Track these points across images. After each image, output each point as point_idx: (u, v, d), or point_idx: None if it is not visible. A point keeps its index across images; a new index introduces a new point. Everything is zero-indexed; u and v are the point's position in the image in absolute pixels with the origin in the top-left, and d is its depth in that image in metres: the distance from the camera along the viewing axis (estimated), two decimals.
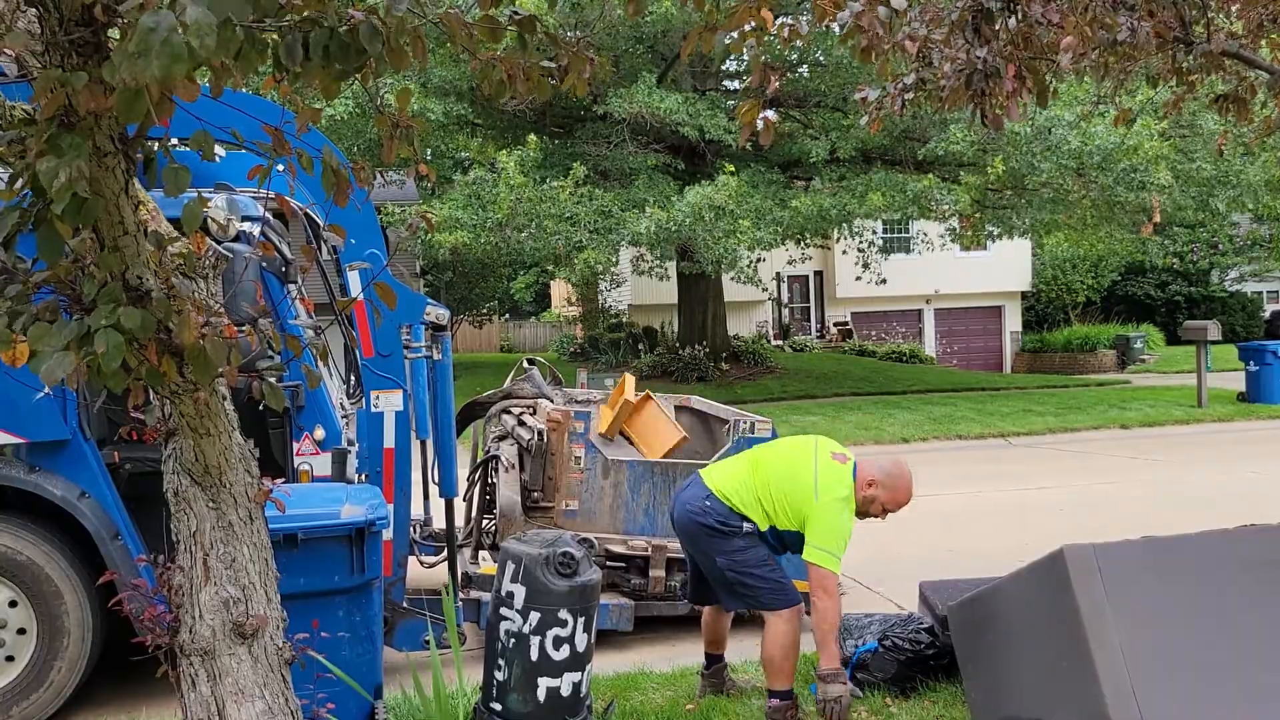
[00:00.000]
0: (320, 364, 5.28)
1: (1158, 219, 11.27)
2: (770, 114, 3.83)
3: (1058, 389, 21.07)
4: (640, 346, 24.00)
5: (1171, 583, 3.76)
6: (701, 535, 4.47)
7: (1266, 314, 33.76)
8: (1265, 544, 3.92)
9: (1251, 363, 17.18)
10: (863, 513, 4.43)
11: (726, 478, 4.54)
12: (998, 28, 3.60)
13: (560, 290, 35.06)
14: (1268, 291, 36.29)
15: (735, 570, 4.41)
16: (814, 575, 4.30)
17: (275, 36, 2.15)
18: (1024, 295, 31.88)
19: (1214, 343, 17.81)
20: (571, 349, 27.52)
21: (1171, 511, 8.77)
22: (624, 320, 28.42)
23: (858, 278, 23.01)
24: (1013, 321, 31.68)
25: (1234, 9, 4.33)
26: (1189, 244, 25.99)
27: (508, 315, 38.79)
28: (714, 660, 4.87)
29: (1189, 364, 21.00)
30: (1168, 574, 3.78)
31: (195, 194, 2.30)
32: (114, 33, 2.23)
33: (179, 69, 1.72)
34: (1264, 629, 3.74)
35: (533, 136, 15.89)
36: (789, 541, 4.45)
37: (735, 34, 3.58)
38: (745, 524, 4.39)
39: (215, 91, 2.11)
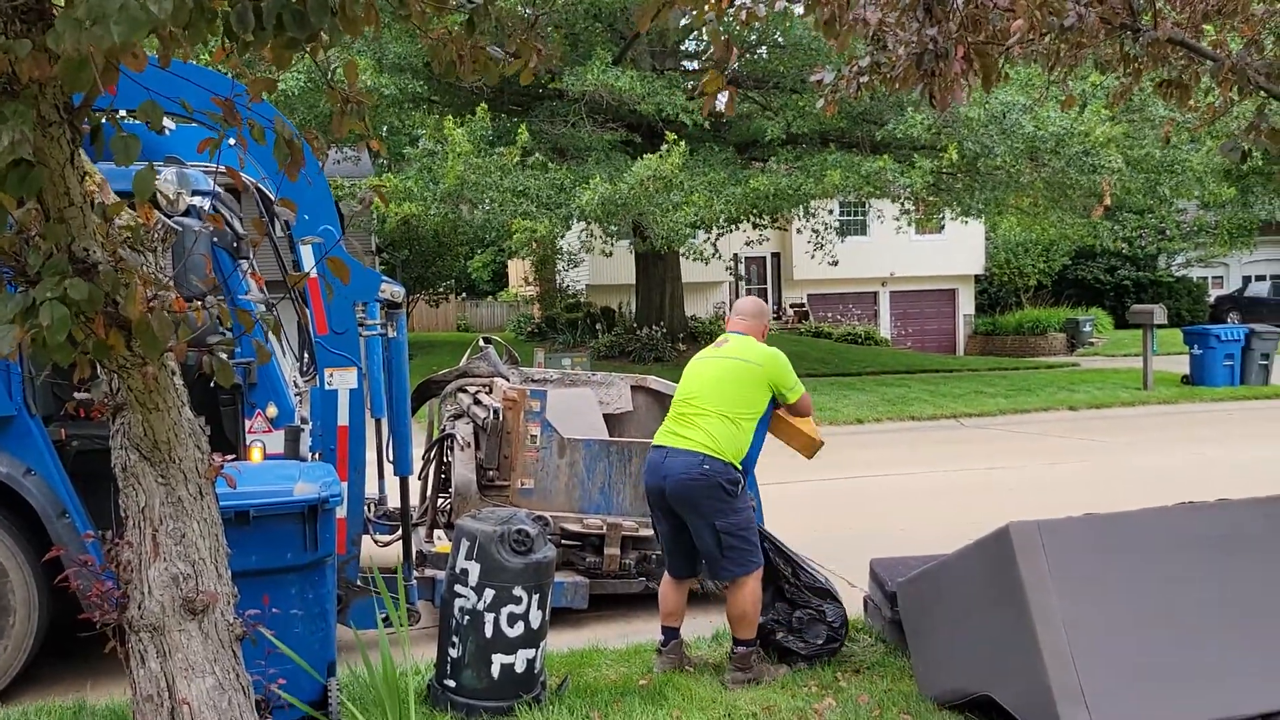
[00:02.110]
0: (272, 340, 5.22)
1: (1108, 201, 11.49)
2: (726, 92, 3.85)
3: (1009, 371, 21.40)
4: (598, 327, 23.98)
5: (1112, 558, 3.87)
6: (702, 502, 4.60)
7: (1211, 299, 34.49)
8: (1201, 521, 4.04)
9: (1195, 346, 17.56)
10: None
11: (701, 432, 4.65)
12: (949, 9, 3.64)
13: (518, 270, 34.90)
14: (1212, 277, 37.07)
15: (729, 533, 4.60)
16: (802, 406, 4.85)
17: (225, 6, 2.12)
18: (977, 279, 32.29)
19: (1160, 327, 18.18)
20: (529, 329, 27.43)
21: (1115, 490, 8.98)
22: (582, 300, 28.35)
23: (814, 256, 23.13)
24: (966, 304, 32.09)
25: None
26: (1137, 229, 26.42)
27: (465, 294, 38.51)
28: (671, 635, 4.96)
29: (1136, 347, 21.43)
30: (1108, 550, 3.89)
31: (146, 165, 2.26)
32: (59, 0, 2.18)
33: (139, 34, 1.69)
34: (1199, 602, 3.86)
35: (482, 105, 15.73)
36: (759, 436, 4.80)
37: (693, 11, 3.59)
38: (739, 477, 4.67)
39: (164, 61, 2.08)
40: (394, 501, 6.36)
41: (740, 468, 4.68)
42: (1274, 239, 35.56)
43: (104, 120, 2.40)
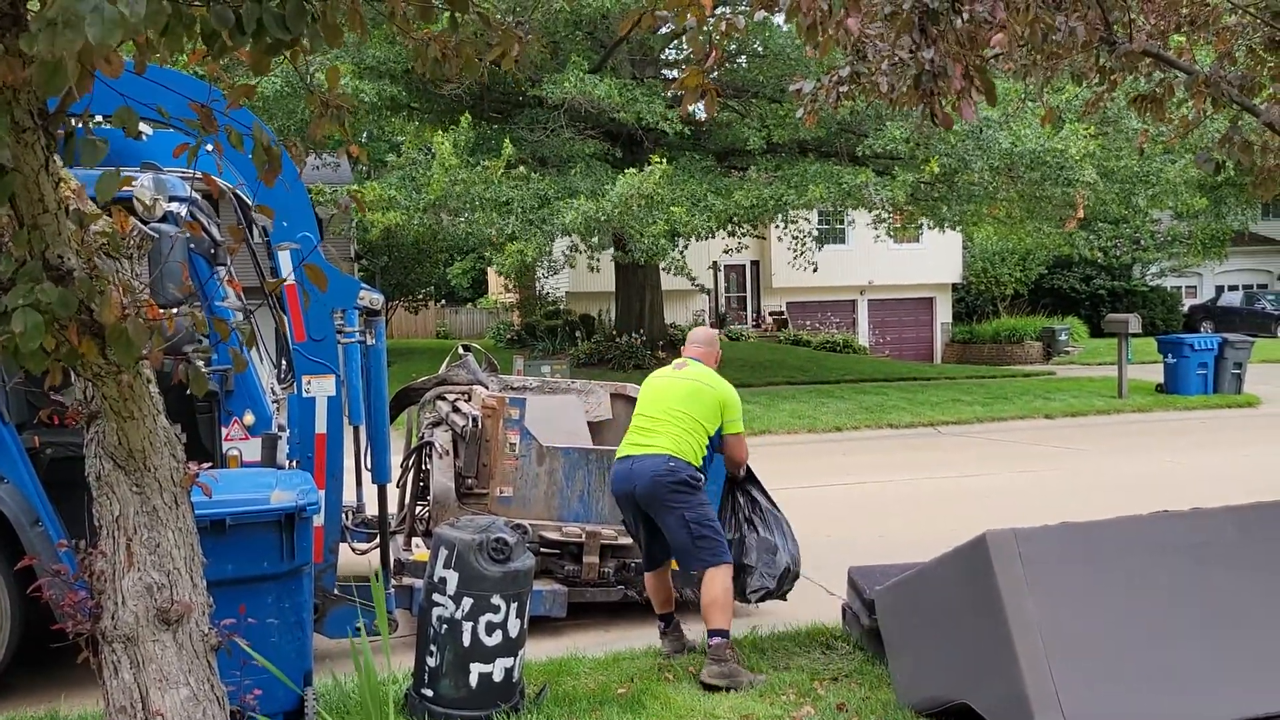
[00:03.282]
0: (249, 348, 5.19)
1: (1081, 214, 11.59)
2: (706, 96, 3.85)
3: (986, 379, 21.53)
4: (577, 334, 23.97)
5: (1089, 566, 3.90)
6: (670, 496, 4.90)
7: (1185, 308, 34.85)
8: (1177, 529, 4.08)
9: (1169, 355, 17.73)
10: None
11: (665, 438, 5.00)
12: (943, 28, 3.65)
13: (497, 277, 34.81)
14: (1186, 286, 37.46)
15: (699, 524, 4.90)
16: (735, 444, 5.21)
17: (204, 12, 2.11)
18: (955, 287, 32.50)
19: (1135, 335, 18.33)
20: (509, 336, 27.38)
21: (1091, 498, 9.04)
22: (561, 308, 28.34)
23: (795, 265, 23.21)
24: (944, 313, 32.29)
25: (1154, 9, 4.46)
26: (1113, 239, 26.68)
27: (444, 301, 38.39)
28: (668, 619, 5.26)
29: (1111, 356, 21.62)
30: (1085, 558, 3.92)
31: (111, 169, 2.23)
32: (33, 4, 2.16)
33: (112, 37, 1.68)
34: (1174, 609, 3.89)
35: (466, 115, 15.71)
36: (713, 445, 5.13)
37: (675, 17, 3.60)
38: (701, 476, 5.01)
39: (139, 67, 2.07)
40: (372, 509, 6.32)
41: (699, 467, 5.02)
42: (1246, 249, 36.02)
43: (79, 126, 2.38)
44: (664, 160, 15.02)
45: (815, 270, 23.03)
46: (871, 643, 5.00)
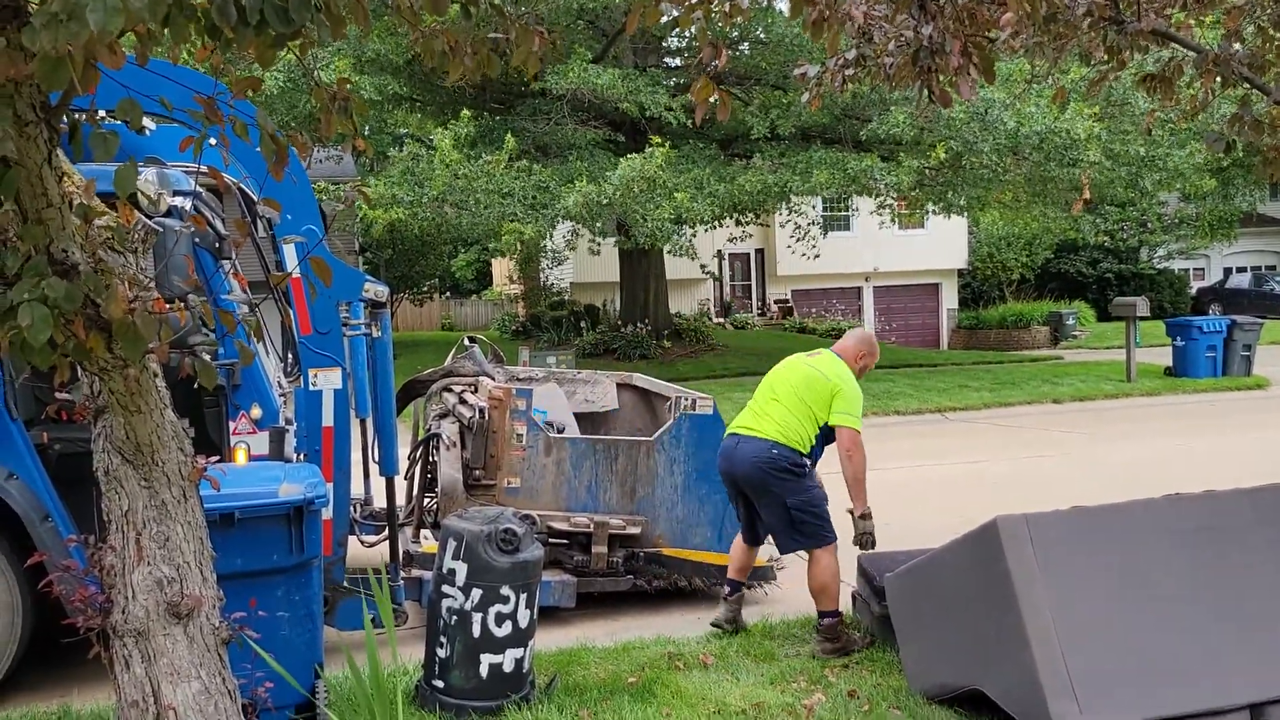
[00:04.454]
0: (255, 341, 5.18)
1: (1087, 195, 11.54)
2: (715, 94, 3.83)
3: (993, 365, 21.48)
4: (582, 324, 23.95)
5: (1100, 550, 3.88)
6: (774, 482, 5.01)
7: (1193, 291, 34.70)
8: (1188, 512, 4.06)
9: (1178, 338, 17.66)
10: (859, 376, 5.35)
11: (772, 422, 5.10)
12: (943, 3, 3.62)
13: (502, 268, 34.81)
14: (1194, 269, 37.29)
15: (802, 510, 5.01)
16: (843, 436, 5.06)
17: (205, 3, 2.09)
18: (960, 273, 32.40)
19: (1143, 319, 18.26)
20: (513, 327, 27.37)
21: (1101, 482, 9.01)
22: (566, 298, 28.32)
23: (799, 252, 23.15)
24: (949, 299, 32.20)
25: None
26: (1119, 222, 26.57)
27: (449, 293, 38.40)
28: (735, 587, 5.44)
29: (1119, 340, 21.54)
30: (1096, 542, 3.90)
31: (126, 161, 2.22)
32: None
33: (114, 24, 1.66)
34: (1187, 593, 3.88)
35: (466, 111, 15.66)
36: (824, 433, 5.13)
37: (679, 9, 3.57)
38: (806, 461, 5.07)
39: (141, 59, 2.05)
40: (380, 502, 6.33)
41: (806, 454, 5.09)
42: (1255, 231, 35.82)
43: (82, 120, 2.37)
44: (665, 143, 14.97)
45: (819, 258, 22.97)
46: (881, 629, 5.00)
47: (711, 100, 3.52)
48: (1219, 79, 4.21)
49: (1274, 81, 4.47)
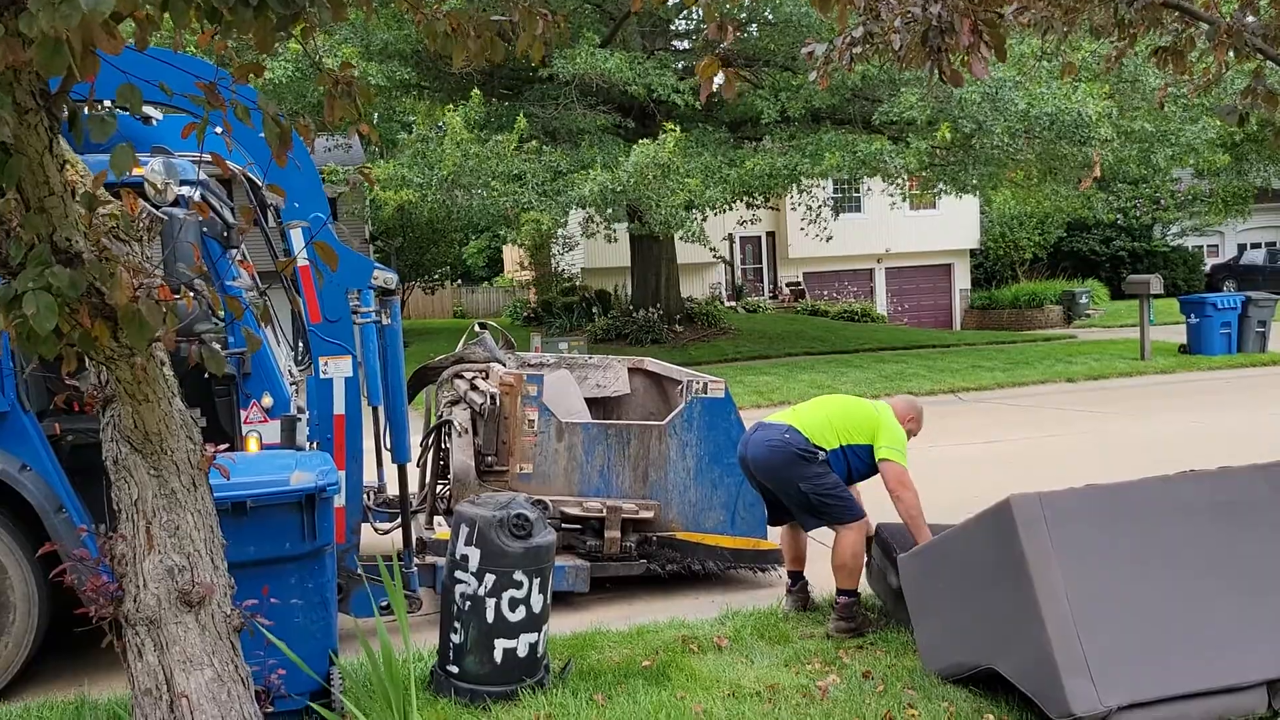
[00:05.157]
0: (264, 329, 5.19)
1: (1098, 173, 11.43)
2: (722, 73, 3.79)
3: (1006, 345, 21.38)
4: (594, 310, 23.95)
5: (1114, 528, 3.85)
6: (784, 465, 5.04)
7: (1207, 268, 34.44)
8: (1203, 488, 4.02)
9: (1192, 315, 17.54)
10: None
11: (797, 415, 5.21)
12: None
13: (513, 255, 34.80)
14: (1208, 246, 37.01)
15: (817, 493, 5.02)
16: (890, 472, 5.00)
17: None
18: (972, 253, 32.22)
19: (1156, 296, 18.13)
20: (525, 313, 27.40)
21: (1116, 461, 8.97)
22: (577, 284, 28.30)
23: (810, 234, 23.05)
24: (962, 279, 32.04)
25: None
26: (1132, 200, 26.38)
27: (460, 281, 38.42)
28: (797, 578, 5.45)
29: (1132, 318, 21.40)
30: (1110, 519, 3.87)
31: (125, 143, 2.21)
32: None
33: (107, 4, 1.64)
34: (1202, 570, 3.85)
35: (476, 91, 15.62)
36: (860, 455, 5.12)
37: None
38: (820, 452, 5.06)
39: (140, 44, 2.04)
40: (393, 489, 6.34)
41: (820, 447, 5.06)
42: (1269, 206, 35.49)
43: (85, 109, 2.35)
44: (676, 129, 14.90)
45: (831, 240, 22.89)
46: (895, 602, 4.98)
47: (717, 80, 3.49)
48: (1231, 51, 4.15)
49: None
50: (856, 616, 5.01)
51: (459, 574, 4.29)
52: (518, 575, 4.23)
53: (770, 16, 17.13)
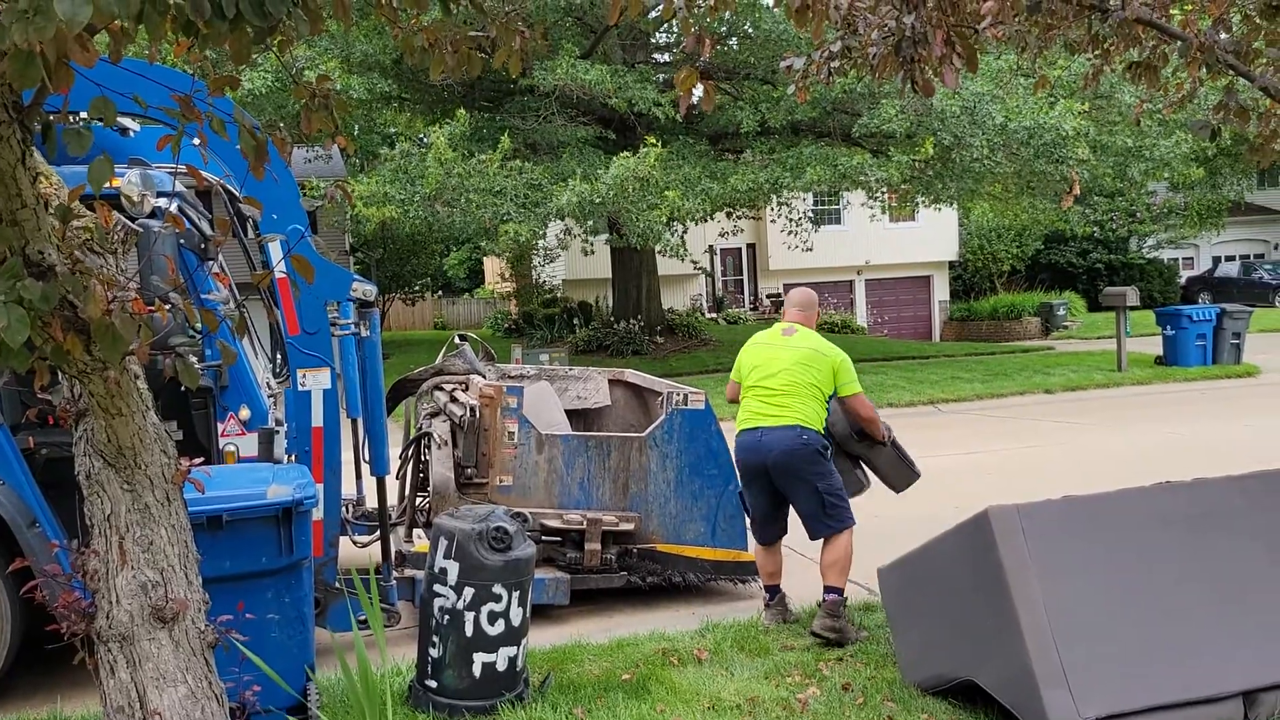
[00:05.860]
0: (242, 341, 5.15)
1: (1077, 192, 11.53)
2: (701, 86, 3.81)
3: (985, 356, 21.50)
4: (575, 321, 23.91)
5: (1092, 539, 3.87)
6: (804, 467, 5.14)
7: (1183, 280, 34.77)
8: (1179, 500, 4.05)
9: (1168, 327, 17.69)
10: None
11: (791, 410, 5.18)
12: None
13: (494, 266, 34.75)
14: (1183, 258, 37.37)
15: (831, 493, 5.16)
16: (859, 405, 5.39)
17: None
18: (951, 265, 32.41)
19: (1133, 308, 18.28)
20: (506, 325, 27.32)
21: (1093, 472, 9.02)
22: (558, 295, 28.27)
23: (791, 246, 23.12)
24: (941, 291, 32.21)
25: None
26: (1108, 213, 26.57)
27: (441, 292, 38.33)
28: (775, 592, 5.47)
29: (1109, 329, 21.57)
30: (1088, 531, 3.89)
31: (101, 156, 2.20)
32: None
33: (82, 15, 1.63)
34: (1178, 580, 3.87)
35: (461, 110, 15.63)
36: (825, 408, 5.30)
37: (662, 3, 3.55)
38: (828, 442, 5.26)
39: (114, 57, 2.02)
40: (372, 502, 6.30)
41: (825, 434, 5.26)
42: (1243, 220, 35.91)
43: (58, 122, 2.34)
44: (658, 143, 14.94)
45: (811, 250, 22.95)
46: None
47: (696, 92, 3.50)
48: (1204, 67, 4.20)
49: (1260, 69, 4.46)
50: (842, 616, 5.07)
51: (438, 587, 4.27)
52: (497, 588, 4.21)
53: (751, 31, 17.22)
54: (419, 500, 6.59)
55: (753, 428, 5.28)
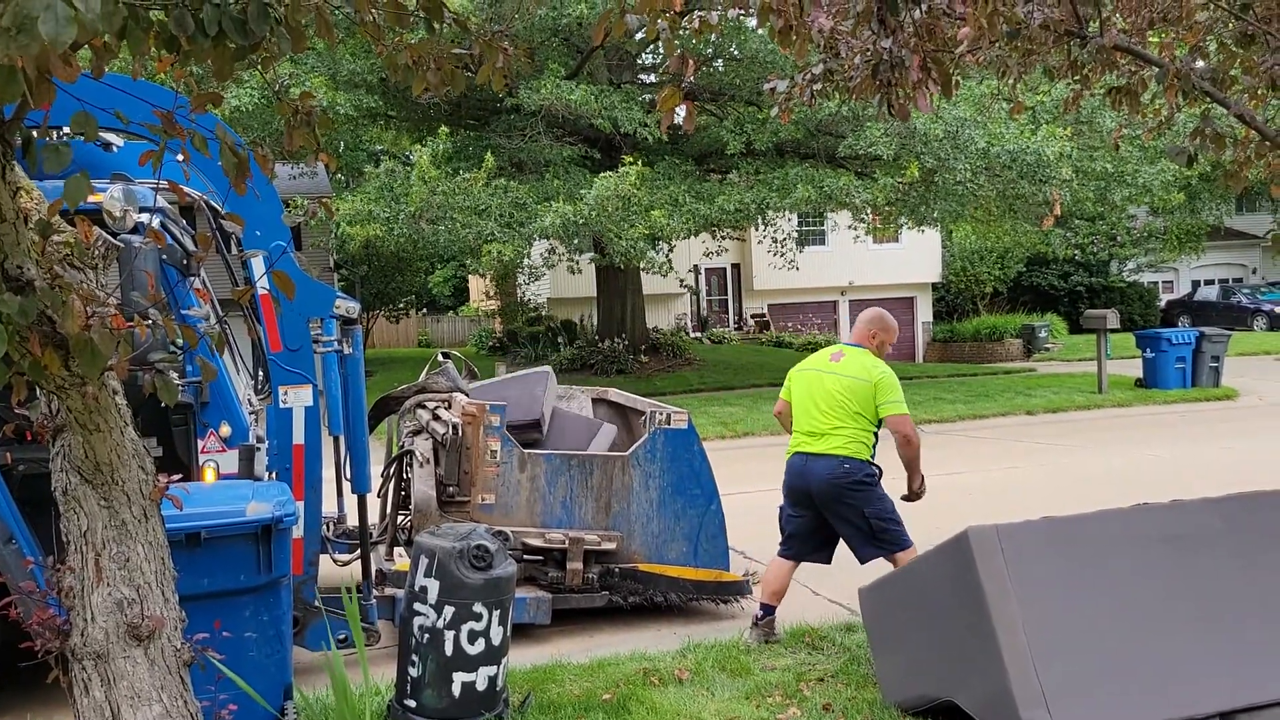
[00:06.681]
0: (223, 357, 5.13)
1: (1058, 212, 11.66)
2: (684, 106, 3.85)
3: (967, 377, 21.59)
4: (559, 340, 23.90)
5: (1071, 559, 3.89)
6: (850, 495, 5.14)
7: (1162, 303, 35.08)
8: (1157, 521, 4.08)
9: (1148, 350, 17.83)
10: (882, 356, 5.45)
11: (836, 438, 5.18)
12: (902, 18, 3.65)
13: (478, 284, 34.72)
14: (1163, 282, 37.72)
15: (880, 518, 5.15)
16: (898, 424, 5.20)
17: (162, 16, 2.07)
18: (935, 286, 32.61)
19: (1113, 331, 18.42)
20: (490, 343, 27.29)
21: (1073, 493, 9.06)
22: (543, 314, 28.27)
23: (775, 266, 23.19)
24: (924, 312, 32.39)
25: (1127, 6, 4.47)
26: (1089, 236, 26.83)
27: (425, 310, 38.25)
28: (769, 611, 5.44)
29: (1090, 352, 21.68)
30: (1067, 551, 3.91)
31: (78, 173, 2.20)
32: None
33: (67, 34, 1.63)
34: (1157, 601, 3.89)
35: (444, 127, 15.65)
36: (874, 430, 5.26)
37: (647, 23, 3.57)
38: (876, 470, 5.22)
39: (96, 72, 2.02)
40: (353, 520, 6.27)
41: (873, 460, 5.23)
42: (1222, 244, 36.31)
43: (39, 137, 2.33)
44: (639, 162, 14.98)
45: (797, 270, 23.04)
46: None
47: (679, 112, 3.53)
48: (1181, 94, 4.26)
49: (1236, 96, 4.53)
50: None
51: (418, 606, 4.24)
52: (477, 607, 4.19)
53: (736, 52, 17.34)
54: (400, 518, 6.56)
55: (800, 452, 5.32)
